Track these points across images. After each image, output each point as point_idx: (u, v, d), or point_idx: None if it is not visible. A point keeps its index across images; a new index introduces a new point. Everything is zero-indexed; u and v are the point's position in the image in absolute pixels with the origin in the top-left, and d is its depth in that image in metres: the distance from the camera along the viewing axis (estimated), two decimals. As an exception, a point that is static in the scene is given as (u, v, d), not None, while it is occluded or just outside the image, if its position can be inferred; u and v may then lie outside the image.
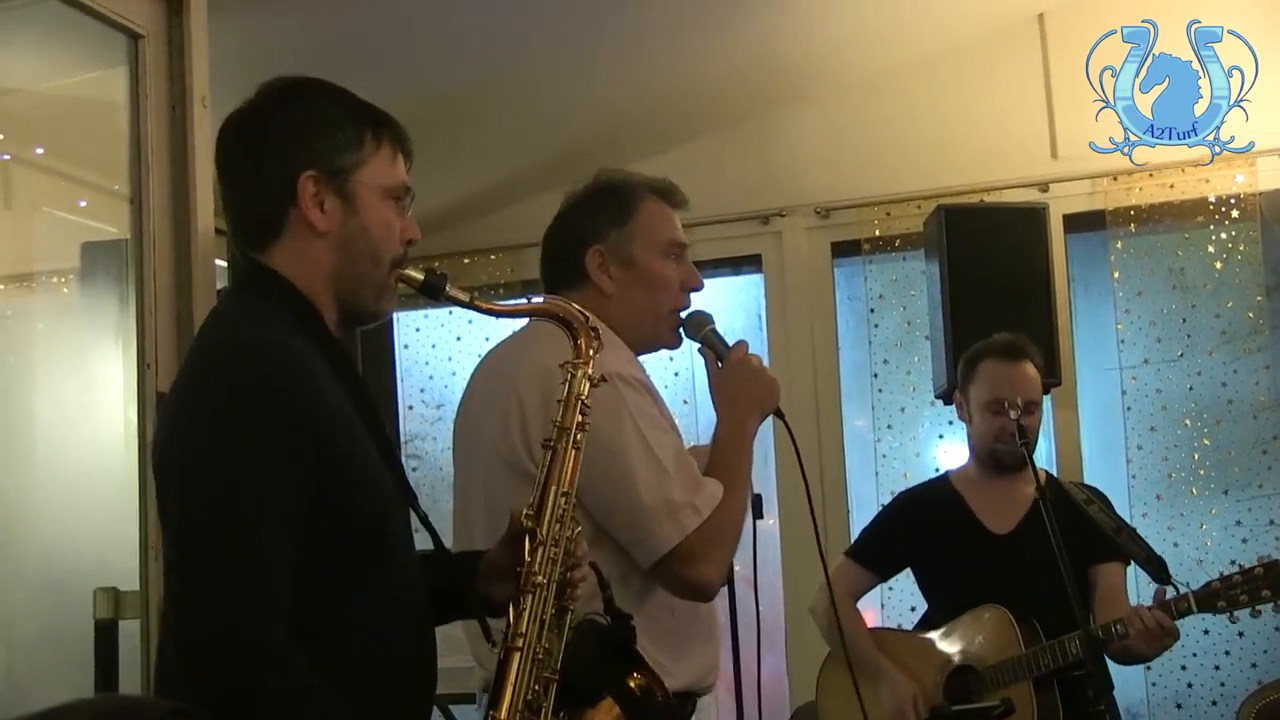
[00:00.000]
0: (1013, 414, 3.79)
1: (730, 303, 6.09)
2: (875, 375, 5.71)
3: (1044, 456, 5.06)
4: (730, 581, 3.15)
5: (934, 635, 4.00)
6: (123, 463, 3.43)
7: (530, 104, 5.31)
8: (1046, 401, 4.30)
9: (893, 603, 5.31)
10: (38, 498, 3.66)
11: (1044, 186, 5.47)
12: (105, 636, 3.28)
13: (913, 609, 4.29)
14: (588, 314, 2.31)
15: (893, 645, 4.06)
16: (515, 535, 2.13)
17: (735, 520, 2.67)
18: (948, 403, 5.00)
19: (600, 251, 2.82)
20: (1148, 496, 5.33)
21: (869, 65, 5.66)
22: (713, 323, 2.89)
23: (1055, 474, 4.56)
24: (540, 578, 2.09)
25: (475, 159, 5.55)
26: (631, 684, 2.21)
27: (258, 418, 1.88)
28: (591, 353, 2.27)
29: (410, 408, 6.03)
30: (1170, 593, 3.65)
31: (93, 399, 3.75)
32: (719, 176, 5.73)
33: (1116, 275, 5.42)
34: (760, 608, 3.24)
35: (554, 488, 2.16)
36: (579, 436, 2.22)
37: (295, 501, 1.89)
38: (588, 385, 2.25)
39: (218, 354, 2.00)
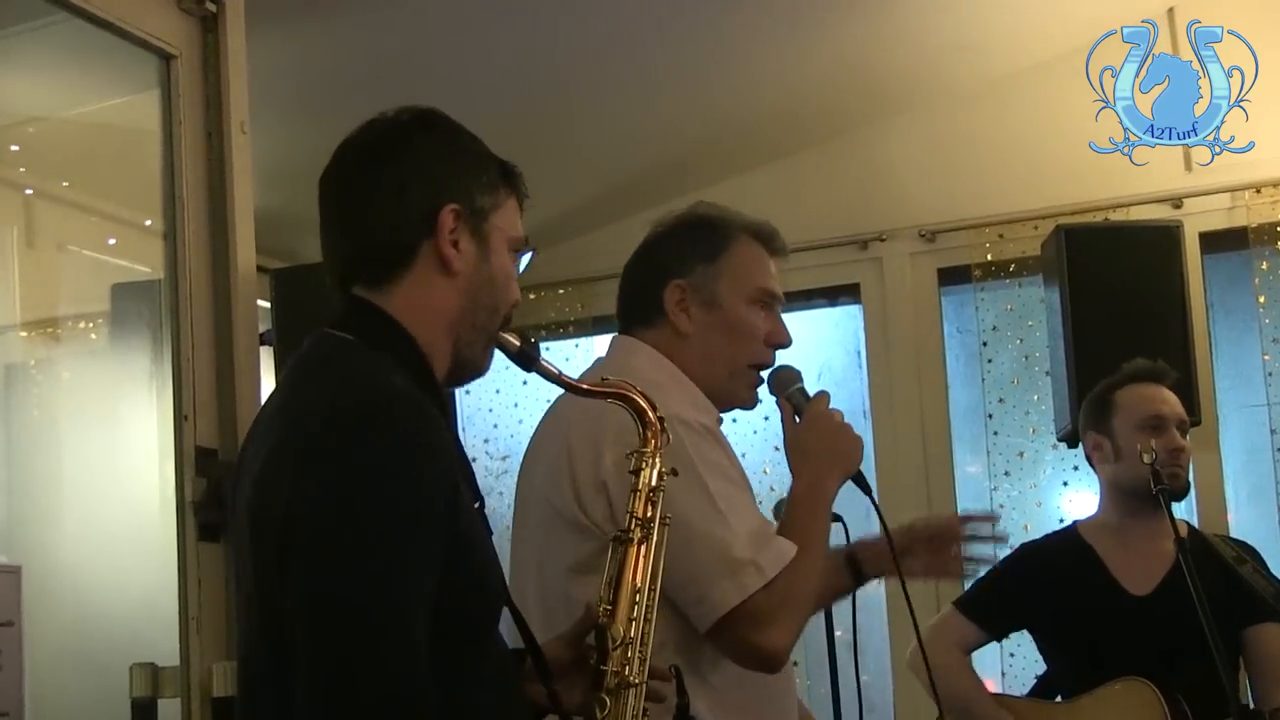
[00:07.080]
0: (1177, 433, 3.83)
1: (825, 337, 6.05)
2: (990, 416, 5.68)
3: (1183, 505, 4.97)
4: (830, 647, 3.11)
5: (1065, 706, 3.92)
6: (159, 526, 3.44)
7: (598, 127, 5.31)
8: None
9: (1014, 670, 5.26)
10: (66, 564, 3.67)
11: (1177, 202, 5.42)
12: (143, 717, 3.29)
13: (1036, 678, 4.21)
14: (655, 404, 2.31)
15: (1018, 715, 3.97)
16: (586, 630, 2.17)
17: (807, 583, 2.64)
18: (1071, 445, 4.92)
19: (681, 287, 2.82)
20: (1303, 549, 5.23)
21: (976, 72, 5.63)
22: (800, 380, 2.87)
23: (1195, 525, 4.46)
24: (634, 677, 2.14)
25: (540, 187, 5.50)
26: None
27: (396, 492, 1.83)
28: (657, 444, 2.29)
29: (473, 460, 6.00)
30: None
31: (125, 455, 3.78)
32: (812, 197, 5.73)
33: (1262, 300, 5.38)
34: (863, 676, 3.23)
35: (629, 582, 2.21)
36: (655, 530, 2.26)
37: (428, 582, 1.83)
38: (657, 477, 2.28)
39: (351, 410, 1.88)
